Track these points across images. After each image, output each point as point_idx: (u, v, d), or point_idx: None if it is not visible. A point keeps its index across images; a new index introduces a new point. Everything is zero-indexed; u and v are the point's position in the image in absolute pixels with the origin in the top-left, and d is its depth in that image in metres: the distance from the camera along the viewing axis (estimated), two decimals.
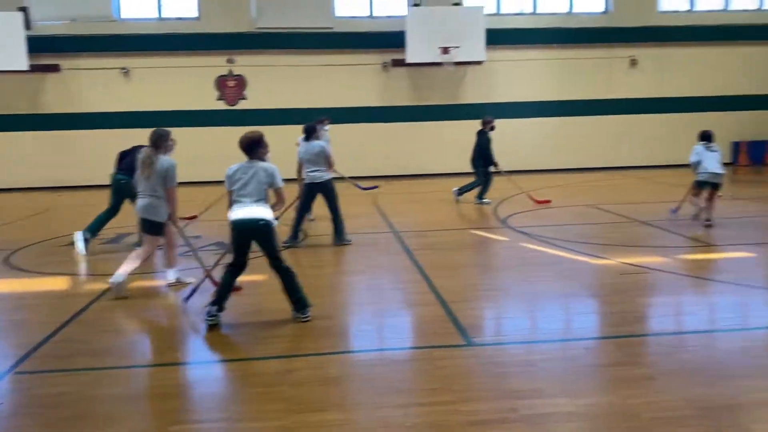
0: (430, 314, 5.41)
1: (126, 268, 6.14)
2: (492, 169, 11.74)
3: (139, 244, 7.16)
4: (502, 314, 5.59)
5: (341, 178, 9.69)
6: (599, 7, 17.47)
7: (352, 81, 16.89)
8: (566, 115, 17.29)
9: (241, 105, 16.86)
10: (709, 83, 17.60)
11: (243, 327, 5.20)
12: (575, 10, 17.37)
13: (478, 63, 16.51)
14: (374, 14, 17.09)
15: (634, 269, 6.73)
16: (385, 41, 16.73)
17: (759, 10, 17.77)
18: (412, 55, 16.02)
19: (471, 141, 17.08)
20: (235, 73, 16.79)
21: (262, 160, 5.32)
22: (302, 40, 16.57)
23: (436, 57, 16.00)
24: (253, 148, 5.26)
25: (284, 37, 16.49)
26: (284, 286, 5.27)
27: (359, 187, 11.24)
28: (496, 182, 12.10)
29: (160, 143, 6.17)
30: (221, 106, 16.88)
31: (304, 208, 8.51)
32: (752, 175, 15.81)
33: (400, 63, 16.64)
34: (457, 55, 15.95)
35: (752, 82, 17.70)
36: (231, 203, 5.25)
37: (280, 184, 5.28)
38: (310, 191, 8.38)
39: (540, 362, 4.27)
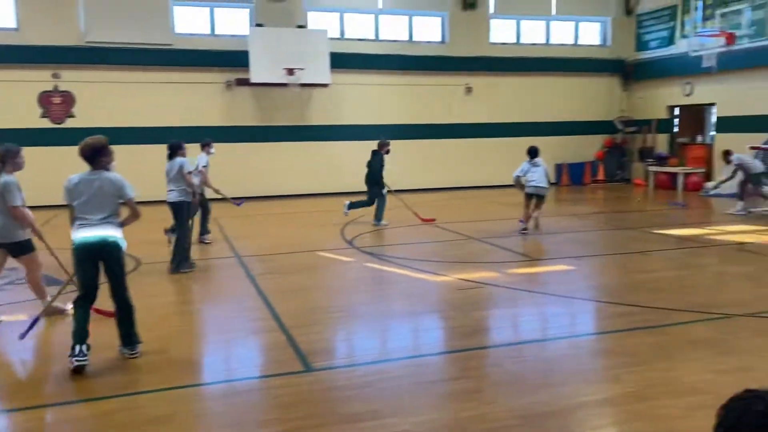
0: (270, 341, 5.30)
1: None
2: (385, 190, 11.82)
3: None
4: (342, 337, 5.61)
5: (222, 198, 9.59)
6: (437, 36, 18.42)
7: (195, 99, 16.33)
8: (409, 138, 17.93)
9: (69, 123, 15.63)
10: (535, 110, 19.15)
11: (57, 364, 4.71)
12: (415, 38, 18.17)
13: (324, 85, 16.69)
14: (216, 32, 16.71)
15: (470, 285, 7.08)
16: (229, 60, 16.39)
17: (575, 45, 19.71)
18: (256, 75, 15.82)
19: (317, 162, 17.25)
20: (61, 89, 15.56)
21: (107, 169, 4.80)
22: (138, 55, 15.76)
23: (281, 78, 15.93)
24: (96, 156, 4.73)
25: (118, 52, 15.59)
26: (119, 319, 4.85)
27: (234, 202, 11.08)
28: (343, 203, 12.23)
29: (6, 159, 5.60)
30: (45, 124, 15.54)
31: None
32: (572, 194, 17.38)
33: (244, 82, 16.37)
34: (302, 77, 16.00)
35: (572, 109, 19.53)
36: (73, 221, 4.69)
37: (131, 194, 4.79)
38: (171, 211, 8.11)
39: (378, 383, 4.33)
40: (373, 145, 12.54)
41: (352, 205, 12.01)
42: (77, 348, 4.54)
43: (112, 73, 15.70)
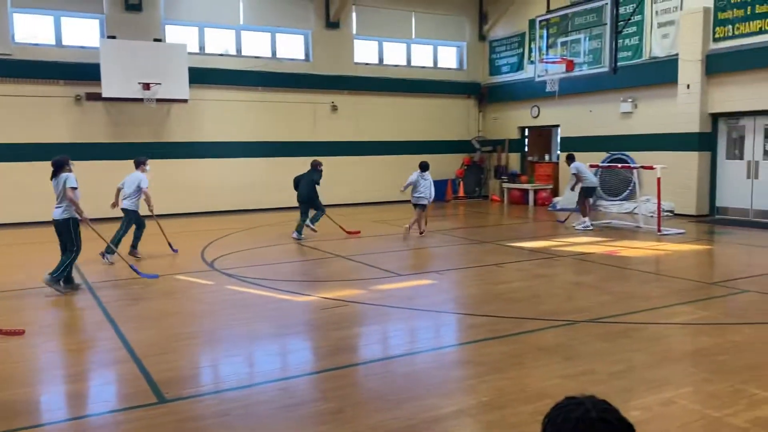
0: (121, 373, 4.95)
1: None
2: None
3: None
4: (199, 364, 5.36)
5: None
6: (300, 54, 18.44)
7: (39, 114, 15.10)
8: (273, 156, 17.74)
9: None
10: (399, 129, 19.70)
11: None
12: (279, 55, 18.06)
13: (183, 101, 16.09)
14: (63, 43, 15.59)
15: (334, 303, 7.06)
16: (78, 73, 15.35)
17: (435, 67, 20.55)
18: (108, 89, 14.92)
19: (176, 180, 16.50)
20: None
21: None
22: None
23: (136, 93, 15.16)
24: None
25: None
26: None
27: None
28: (212, 223, 11.81)
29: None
30: None
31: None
32: (435, 210, 17.96)
33: (96, 97, 15.39)
34: (159, 92, 15.32)
35: (433, 129, 20.30)
36: None
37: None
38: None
39: (235, 410, 4.16)
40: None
41: (312, 220, 12.21)
42: None
43: None
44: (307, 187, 12.21)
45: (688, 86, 14.33)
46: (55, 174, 8.04)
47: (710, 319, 6.30)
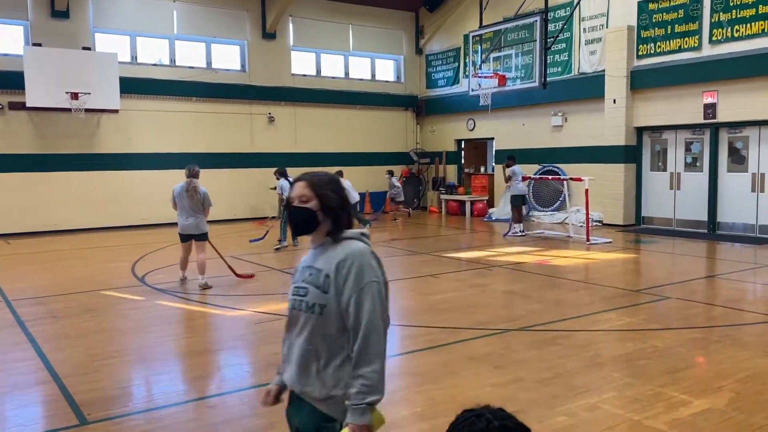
0: (41, 395, 4.74)
1: None
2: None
3: None
4: (124, 383, 5.17)
5: None
6: (236, 65, 18.22)
7: None
8: (211, 168, 17.40)
9: None
10: (338, 141, 19.70)
11: None
12: (214, 65, 17.79)
13: (114, 111, 15.63)
14: None
15: (268, 317, 6.97)
16: (0, 81, 14.70)
17: (373, 80, 20.70)
18: (33, 98, 14.34)
19: (107, 193, 15.97)
20: None
21: None
22: None
23: (63, 102, 14.62)
24: None
25: None
26: None
27: None
28: (144, 236, 11.47)
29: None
30: None
31: None
32: (373, 222, 18.02)
33: (19, 106, 14.76)
34: (87, 102, 14.83)
35: (372, 141, 20.40)
36: None
37: None
38: None
39: (161, 429, 4.04)
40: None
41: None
42: None
43: None
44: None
45: (615, 101, 14.93)
46: None
47: (634, 325, 6.54)
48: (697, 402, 4.39)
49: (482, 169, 20.13)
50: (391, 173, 17.79)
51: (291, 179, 11.76)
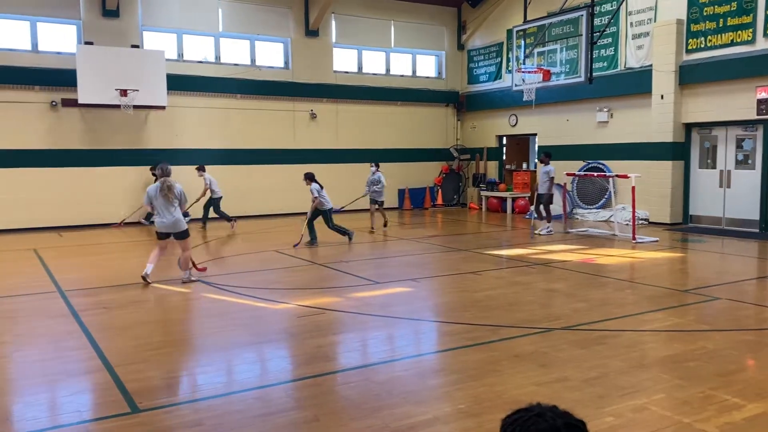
0: (94, 383, 4.89)
1: None
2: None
3: None
4: (174, 373, 5.30)
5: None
6: (280, 62, 18.42)
7: (13, 120, 14.89)
8: (253, 164, 17.68)
9: None
10: (378, 137, 19.74)
11: None
12: (258, 63, 18.01)
13: (161, 108, 15.98)
14: (39, 48, 15.41)
15: (311, 311, 7.05)
16: (54, 79, 15.19)
17: (413, 76, 20.65)
18: (84, 95, 14.77)
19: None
20: None
21: None
22: None
23: (112, 99, 15.02)
24: None
25: None
26: None
27: None
28: (190, 230, 11.69)
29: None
30: None
31: None
32: (414, 217, 18.06)
33: (72, 103, 15.22)
34: (136, 99, 15.20)
35: (412, 137, 20.38)
36: None
37: None
38: None
39: (209, 420, 4.13)
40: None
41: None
42: None
43: None
44: None
45: (662, 96, 14.57)
46: None
47: (683, 326, 6.39)
48: (751, 406, 4.27)
49: (524, 166, 19.90)
50: (376, 165, 14.73)
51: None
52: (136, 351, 5.69)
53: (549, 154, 13.97)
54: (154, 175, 15.40)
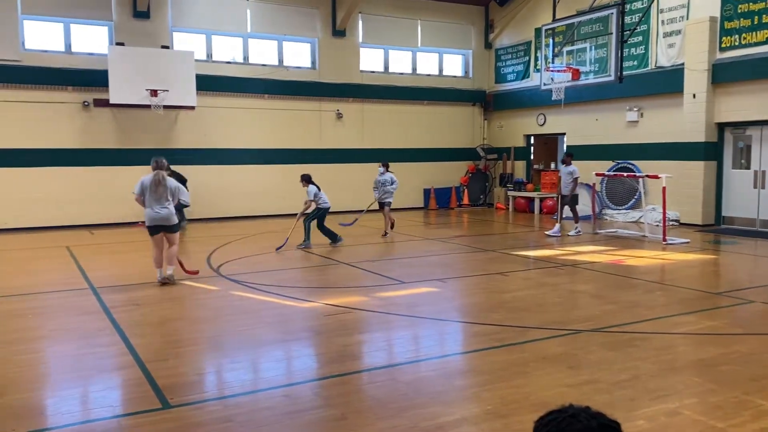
0: (125, 378, 4.97)
1: None
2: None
3: None
4: (203, 369, 5.36)
5: None
6: (307, 62, 18.51)
7: (47, 120, 15.20)
8: (278, 163, 17.79)
9: None
10: (404, 137, 19.73)
11: None
12: (285, 63, 18.13)
13: (190, 108, 16.18)
14: (72, 50, 15.71)
15: (338, 310, 7.07)
16: (86, 79, 15.47)
17: (440, 75, 20.60)
18: (116, 95, 15.02)
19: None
20: None
21: None
22: None
23: (143, 99, 15.25)
24: None
25: None
26: None
27: None
28: (217, 229, 11.84)
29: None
30: None
31: None
32: (440, 217, 18.01)
33: (103, 103, 15.49)
34: (166, 99, 15.41)
35: (438, 136, 20.33)
36: None
37: None
38: None
39: (238, 416, 4.17)
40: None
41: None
42: None
43: None
44: None
45: (694, 96, 14.32)
46: None
47: (715, 329, 6.27)
48: None
49: (552, 166, 19.70)
50: (385, 165, 13.86)
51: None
52: (167, 347, 5.77)
53: (571, 154, 13.82)
54: (173, 173, 15.57)
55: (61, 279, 9.07)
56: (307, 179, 11.98)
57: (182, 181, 15.68)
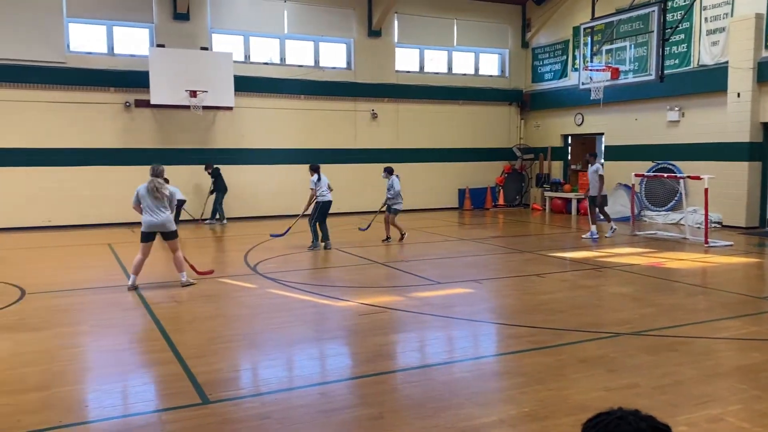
0: (166, 373, 5.06)
1: None
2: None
3: None
4: (242, 366, 5.44)
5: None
6: (342, 63, 18.60)
7: (90, 120, 15.60)
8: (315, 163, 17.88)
9: None
10: (439, 136, 19.67)
11: None
12: (321, 63, 18.25)
13: (228, 108, 16.41)
14: (114, 51, 16.08)
15: (373, 309, 7.09)
16: (127, 80, 15.81)
17: (476, 74, 20.47)
18: (156, 96, 15.33)
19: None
20: None
21: None
22: (29, 73, 14.90)
23: (182, 100, 15.52)
24: None
25: (6, 68, 14.68)
26: None
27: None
28: (255, 227, 11.98)
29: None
30: None
31: None
32: (474, 218, 17.90)
33: (144, 104, 15.82)
34: (205, 100, 15.66)
35: (474, 136, 20.21)
36: None
37: None
38: None
39: (276, 413, 4.22)
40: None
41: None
42: None
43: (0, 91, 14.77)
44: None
45: (739, 95, 13.95)
46: None
47: (760, 334, 6.10)
48: None
49: (590, 166, 19.38)
50: (389, 171, 12.90)
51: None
52: (206, 344, 5.86)
53: (595, 154, 13.61)
54: (209, 173, 15.82)
55: (103, 276, 9.29)
56: (312, 168, 11.93)
57: (220, 186, 15.93)
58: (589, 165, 13.42)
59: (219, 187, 16.09)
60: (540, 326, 6.38)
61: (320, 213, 11.70)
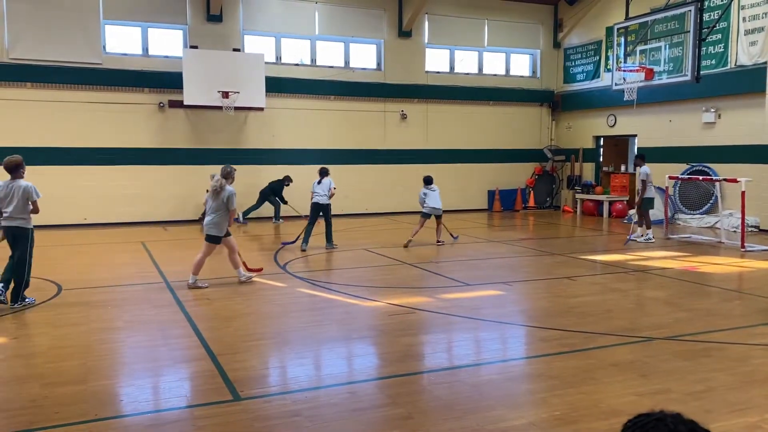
0: (198, 370, 5.15)
1: None
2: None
3: None
4: (272, 364, 5.50)
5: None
6: (372, 63, 18.65)
7: (125, 121, 15.90)
8: (343, 163, 17.98)
9: None
10: (469, 137, 19.59)
11: None
12: (351, 64, 18.33)
13: (259, 109, 16.58)
14: (149, 53, 16.37)
15: (402, 310, 7.10)
16: (162, 81, 16.09)
17: (507, 75, 20.34)
18: (189, 97, 15.57)
19: (250, 185, 16.88)
20: None
21: (22, 178, 7.03)
22: (66, 74, 15.26)
23: (215, 101, 15.74)
24: (16, 169, 6.99)
25: (44, 70, 15.05)
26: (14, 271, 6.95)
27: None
28: (285, 227, 12.06)
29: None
30: None
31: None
32: (503, 220, 17.79)
33: (177, 104, 16.08)
34: (237, 100, 15.85)
35: (504, 137, 20.09)
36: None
37: (35, 197, 6.99)
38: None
39: (306, 411, 4.25)
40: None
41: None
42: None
43: (38, 92, 15.14)
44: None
45: None
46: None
47: None
48: None
49: (622, 168, 19.13)
50: (322, 171, 12.46)
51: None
52: (238, 341, 5.94)
53: (642, 156, 13.35)
54: (286, 185, 15.75)
55: (137, 273, 9.46)
56: (323, 173, 12.15)
57: (280, 186, 16.04)
58: (637, 168, 13.13)
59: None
60: (571, 329, 6.32)
61: (310, 213, 11.99)
